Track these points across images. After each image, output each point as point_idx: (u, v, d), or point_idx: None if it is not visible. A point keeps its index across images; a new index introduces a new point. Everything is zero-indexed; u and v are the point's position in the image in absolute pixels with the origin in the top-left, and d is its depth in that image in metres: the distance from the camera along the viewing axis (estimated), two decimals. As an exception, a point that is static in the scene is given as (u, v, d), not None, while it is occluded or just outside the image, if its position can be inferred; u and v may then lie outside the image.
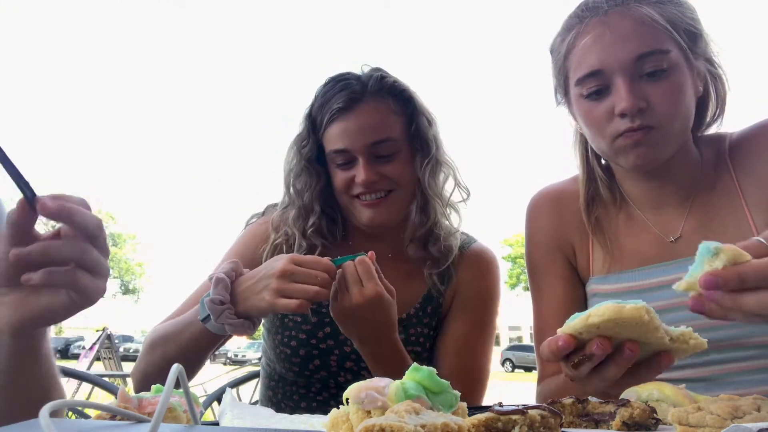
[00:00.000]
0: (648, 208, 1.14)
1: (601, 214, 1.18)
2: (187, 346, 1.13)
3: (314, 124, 1.32)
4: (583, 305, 1.16)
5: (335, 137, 1.26)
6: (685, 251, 1.08)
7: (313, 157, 1.32)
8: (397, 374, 1.10)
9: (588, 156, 1.19)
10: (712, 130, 1.15)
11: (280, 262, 1.06)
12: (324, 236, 1.33)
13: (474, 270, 1.36)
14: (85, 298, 0.74)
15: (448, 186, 1.36)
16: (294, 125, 1.38)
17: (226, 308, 1.06)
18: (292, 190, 1.35)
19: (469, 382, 1.26)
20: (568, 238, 1.20)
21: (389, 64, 1.39)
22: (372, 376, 1.23)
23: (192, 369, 1.19)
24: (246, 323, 1.07)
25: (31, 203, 0.70)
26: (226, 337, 1.13)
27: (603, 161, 1.21)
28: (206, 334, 1.10)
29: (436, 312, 1.34)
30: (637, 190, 1.15)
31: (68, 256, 0.72)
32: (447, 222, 1.36)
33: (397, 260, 1.34)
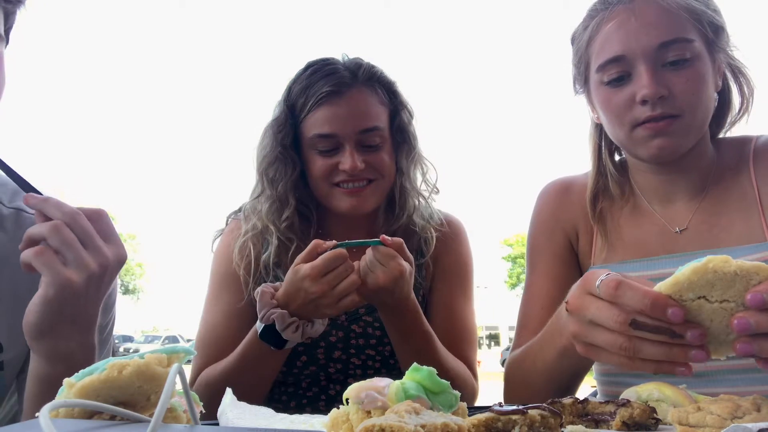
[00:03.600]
0: (657, 201, 1.14)
1: (606, 207, 1.18)
2: (268, 375, 1.16)
3: (293, 109, 1.29)
4: None
5: (321, 121, 1.23)
6: (690, 244, 1.08)
7: (289, 143, 1.29)
8: (418, 336, 1.16)
9: (600, 150, 1.19)
10: (737, 128, 1.15)
11: (309, 285, 1.04)
12: (295, 233, 1.30)
13: (447, 240, 1.38)
14: (51, 281, 0.75)
15: (424, 185, 1.38)
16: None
17: (301, 323, 1.08)
18: (265, 178, 1.31)
19: (461, 342, 1.29)
20: (574, 223, 1.20)
21: (390, 63, 1.39)
22: (374, 356, 1.28)
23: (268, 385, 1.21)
24: (320, 321, 1.11)
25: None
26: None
27: (616, 157, 1.20)
28: (282, 355, 1.13)
29: (419, 286, 1.34)
30: (648, 183, 1.15)
31: (42, 234, 0.75)
32: (421, 219, 1.36)
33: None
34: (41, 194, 0.78)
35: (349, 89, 1.24)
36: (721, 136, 1.16)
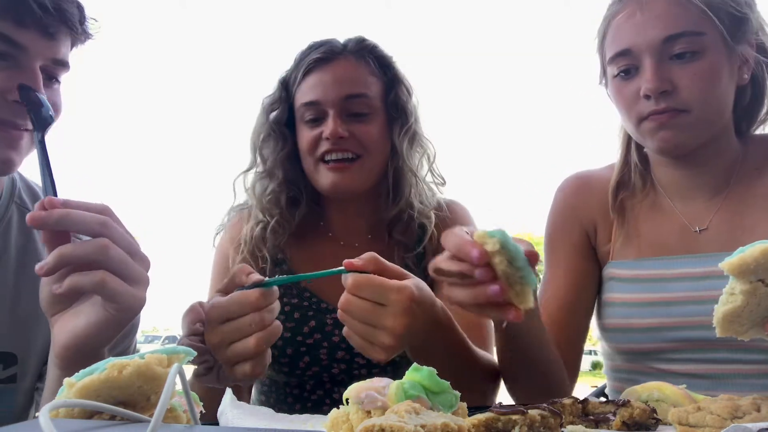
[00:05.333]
0: (678, 197, 1.12)
1: (627, 198, 1.17)
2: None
3: (287, 85, 1.28)
4: (595, 283, 1.17)
5: (307, 89, 1.22)
6: (709, 245, 1.06)
7: (282, 120, 1.27)
8: (464, 351, 0.99)
9: (629, 141, 1.18)
10: None
11: (207, 330, 0.80)
12: (280, 209, 1.25)
13: (450, 226, 1.27)
14: (122, 306, 0.71)
15: (423, 166, 1.31)
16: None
17: (216, 365, 0.83)
18: (258, 156, 1.29)
19: (478, 333, 1.16)
20: (592, 217, 1.19)
21: (394, 58, 1.34)
22: (365, 363, 1.22)
23: None
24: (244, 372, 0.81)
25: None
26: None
27: (644, 150, 1.19)
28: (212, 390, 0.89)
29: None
30: (668, 178, 1.13)
31: (90, 257, 0.70)
32: (419, 203, 1.26)
33: (375, 239, 1.29)
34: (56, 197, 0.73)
35: (336, 57, 1.23)
36: (755, 132, 1.13)
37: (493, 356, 1.18)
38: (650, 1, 1.01)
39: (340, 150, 1.19)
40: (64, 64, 0.92)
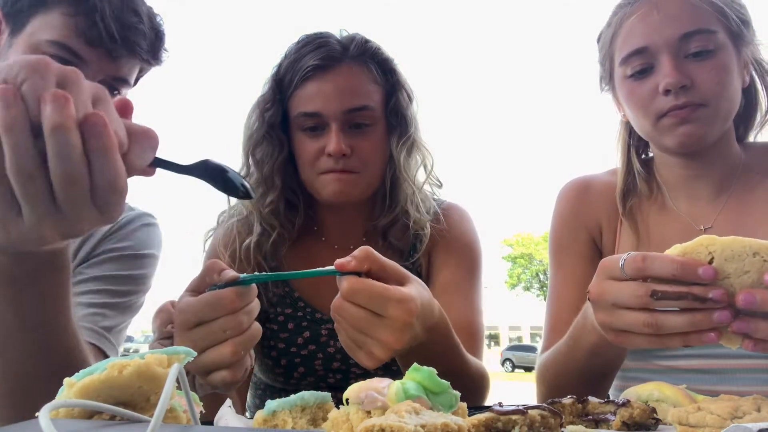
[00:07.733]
0: (682, 197, 1.14)
1: (635, 204, 1.19)
2: None
3: (281, 85, 1.20)
4: None
5: (306, 98, 1.15)
6: None
7: (277, 123, 1.20)
8: (452, 354, 0.90)
9: (629, 148, 1.20)
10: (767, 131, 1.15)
11: (176, 334, 0.72)
12: (279, 218, 1.21)
13: (448, 222, 1.26)
14: None
15: (420, 174, 1.28)
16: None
17: (190, 377, 0.75)
18: (251, 159, 1.22)
19: (466, 331, 1.11)
20: (596, 221, 1.20)
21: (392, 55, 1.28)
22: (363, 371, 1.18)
23: None
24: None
25: None
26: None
27: (642, 155, 1.21)
28: None
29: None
30: (673, 178, 1.15)
31: None
32: (416, 212, 1.22)
33: (369, 242, 1.27)
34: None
35: (338, 64, 1.15)
36: (751, 139, 1.17)
37: (482, 360, 1.16)
38: (665, 2, 1.03)
39: (342, 169, 1.15)
40: (124, 81, 1.08)
